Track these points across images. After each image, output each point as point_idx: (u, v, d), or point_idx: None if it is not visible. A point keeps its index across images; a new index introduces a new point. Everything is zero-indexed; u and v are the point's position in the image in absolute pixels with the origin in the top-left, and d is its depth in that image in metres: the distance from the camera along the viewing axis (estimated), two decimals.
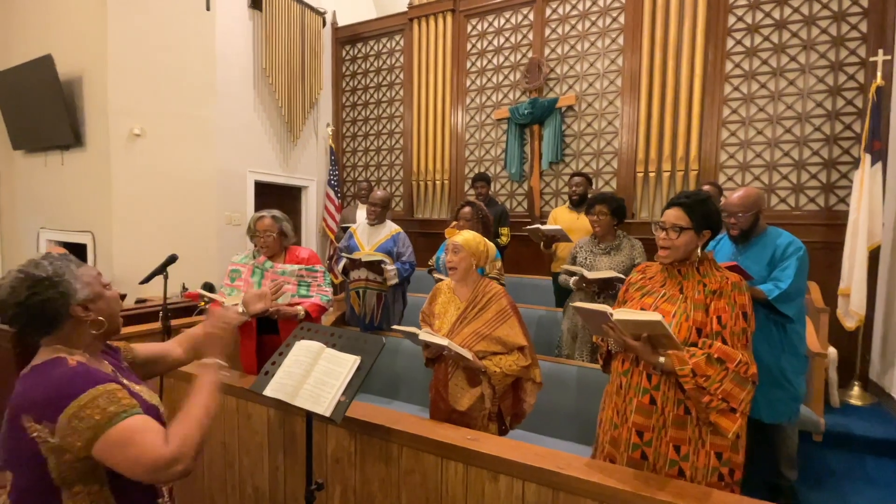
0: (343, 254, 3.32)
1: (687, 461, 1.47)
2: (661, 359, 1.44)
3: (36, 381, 0.98)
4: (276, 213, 2.55)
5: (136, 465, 0.96)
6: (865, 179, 3.46)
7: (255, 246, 2.57)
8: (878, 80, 3.48)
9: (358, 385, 1.50)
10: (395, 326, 2.08)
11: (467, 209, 3.11)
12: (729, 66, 4.27)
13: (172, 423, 1.04)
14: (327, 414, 1.44)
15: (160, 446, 0.97)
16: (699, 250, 1.59)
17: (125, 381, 1.10)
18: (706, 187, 3.54)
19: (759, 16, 4.15)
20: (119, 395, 1.00)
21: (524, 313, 2.08)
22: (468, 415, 1.95)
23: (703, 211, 1.55)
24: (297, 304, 2.49)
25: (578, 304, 1.62)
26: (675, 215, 1.56)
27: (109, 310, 1.12)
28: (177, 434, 1.01)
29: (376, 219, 3.32)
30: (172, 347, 1.41)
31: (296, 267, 2.55)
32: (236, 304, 2.02)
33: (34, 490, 0.98)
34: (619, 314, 1.46)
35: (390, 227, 3.36)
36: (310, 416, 1.58)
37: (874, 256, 3.56)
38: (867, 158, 3.47)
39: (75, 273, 1.06)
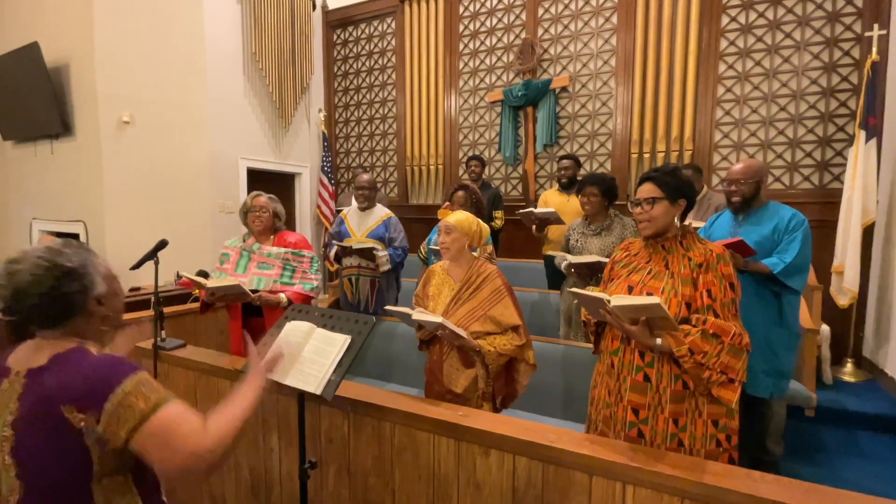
0: (334, 241, 3.29)
1: (685, 432, 1.48)
2: (658, 340, 1.44)
3: (70, 371, 0.93)
4: (272, 196, 2.67)
5: (175, 455, 0.91)
6: (860, 156, 3.45)
7: (248, 225, 2.62)
8: (874, 55, 3.45)
9: (348, 364, 1.50)
10: (388, 307, 2.07)
11: (461, 193, 3.09)
12: (724, 43, 4.22)
13: (214, 414, 1.00)
14: (318, 392, 1.44)
15: (200, 434, 0.94)
16: (678, 222, 1.60)
17: None
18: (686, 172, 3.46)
19: None
20: (154, 383, 0.97)
21: (518, 297, 2.08)
22: (463, 396, 1.95)
23: (672, 180, 1.59)
24: (280, 290, 2.48)
25: (576, 290, 1.61)
26: (646, 189, 1.61)
27: (118, 305, 1.10)
28: (218, 425, 0.98)
29: (366, 202, 3.29)
30: None
31: (282, 250, 2.57)
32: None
33: (64, 485, 0.93)
34: (616, 300, 1.44)
35: (381, 212, 3.31)
36: (302, 396, 1.59)
37: (868, 233, 3.57)
38: (862, 135, 3.46)
39: (96, 265, 1.03)
